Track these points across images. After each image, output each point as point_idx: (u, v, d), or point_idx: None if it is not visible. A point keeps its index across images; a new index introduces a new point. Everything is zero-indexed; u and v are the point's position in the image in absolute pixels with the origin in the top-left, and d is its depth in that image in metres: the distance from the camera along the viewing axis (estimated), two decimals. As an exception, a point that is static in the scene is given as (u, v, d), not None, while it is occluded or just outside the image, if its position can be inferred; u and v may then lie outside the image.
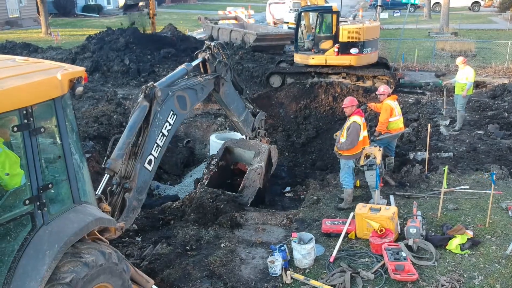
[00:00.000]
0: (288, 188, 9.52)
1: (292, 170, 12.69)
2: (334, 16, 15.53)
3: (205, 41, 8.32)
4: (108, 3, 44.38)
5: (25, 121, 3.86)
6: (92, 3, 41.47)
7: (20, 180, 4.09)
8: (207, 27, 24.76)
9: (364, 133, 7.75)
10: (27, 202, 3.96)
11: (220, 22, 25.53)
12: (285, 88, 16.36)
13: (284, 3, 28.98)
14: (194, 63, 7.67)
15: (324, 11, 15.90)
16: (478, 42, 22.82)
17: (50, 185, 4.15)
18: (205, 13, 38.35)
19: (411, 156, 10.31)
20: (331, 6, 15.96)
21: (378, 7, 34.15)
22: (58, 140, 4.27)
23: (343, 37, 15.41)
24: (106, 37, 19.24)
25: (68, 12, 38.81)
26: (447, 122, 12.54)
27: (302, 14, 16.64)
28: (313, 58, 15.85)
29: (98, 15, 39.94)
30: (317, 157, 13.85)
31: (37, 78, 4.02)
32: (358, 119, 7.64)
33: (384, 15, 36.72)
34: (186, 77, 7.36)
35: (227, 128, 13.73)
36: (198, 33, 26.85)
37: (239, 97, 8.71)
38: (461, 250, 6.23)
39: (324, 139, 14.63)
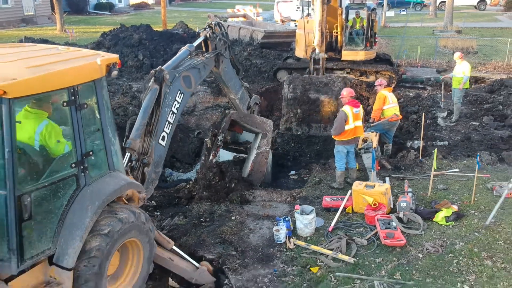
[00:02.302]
0: (292, 172, 10.28)
1: (297, 159, 13.43)
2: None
3: (207, 21, 8.75)
4: (119, 1, 45.33)
5: (72, 97, 4.66)
6: (104, 1, 42.39)
7: (63, 148, 4.89)
8: (217, 25, 25.49)
9: (356, 123, 8.38)
10: (73, 165, 4.76)
11: (230, 20, 26.30)
12: (292, 83, 17.04)
13: (292, 1, 29.70)
14: (196, 43, 8.15)
15: (374, 8, 17.13)
16: (479, 40, 23.40)
17: (91, 153, 4.95)
18: (214, 11, 39.15)
19: (409, 144, 11.03)
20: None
21: (384, 5, 34.81)
22: (97, 115, 5.06)
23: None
24: (120, 34, 20.10)
25: (81, 10, 39.72)
26: (445, 114, 13.23)
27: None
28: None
29: (110, 13, 40.85)
30: (322, 147, 14.55)
31: (80, 63, 4.83)
32: (347, 109, 8.33)
33: (391, 13, 37.34)
34: (189, 57, 7.92)
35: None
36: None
37: (236, 75, 9.26)
38: (446, 221, 6.97)
39: (328, 130, 15.35)
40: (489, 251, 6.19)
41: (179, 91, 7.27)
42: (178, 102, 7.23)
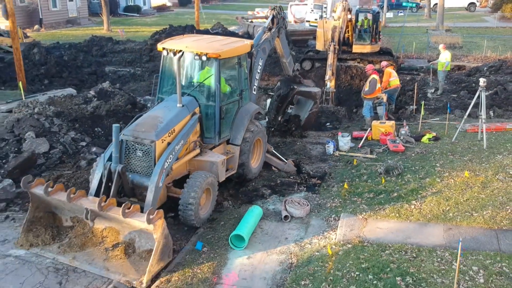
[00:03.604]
0: (328, 124, 14.97)
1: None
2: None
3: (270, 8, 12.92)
4: (144, 3, 50.01)
5: (239, 61, 9.35)
6: (132, 4, 47.03)
7: (226, 89, 9.55)
8: (244, 25, 30.22)
9: (378, 85, 13.18)
10: (237, 95, 9.47)
11: (255, 20, 31.00)
12: (314, 70, 21.79)
13: (306, 4, 34.41)
14: (267, 23, 12.10)
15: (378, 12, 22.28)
16: (463, 37, 28.22)
17: (243, 90, 9.64)
18: (229, 13, 43.85)
19: (406, 107, 15.76)
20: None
21: (385, 8, 39.58)
22: (246, 71, 9.77)
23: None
24: (173, 32, 24.75)
25: (112, 11, 44.26)
26: (432, 90, 17.97)
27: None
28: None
29: (138, 15, 45.50)
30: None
31: (241, 43, 9.54)
32: (376, 76, 13.11)
33: (390, 14, 42.09)
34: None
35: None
36: (234, 30, 32.29)
37: (287, 45, 13.12)
38: (429, 141, 11.68)
39: (343, 106, 20.05)
40: (452, 152, 10.89)
41: (260, 59, 11.57)
42: (260, 65, 11.57)
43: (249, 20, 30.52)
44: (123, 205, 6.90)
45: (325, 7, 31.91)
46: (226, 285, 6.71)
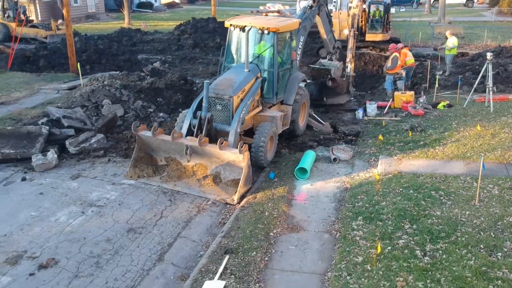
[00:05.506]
0: (352, 98, 16.97)
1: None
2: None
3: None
4: (155, 0, 51.88)
5: (290, 35, 11.34)
6: (145, 0, 48.91)
7: (279, 59, 11.50)
8: (259, 18, 32.21)
9: (399, 62, 15.21)
10: (289, 64, 11.45)
11: (270, 14, 33.00)
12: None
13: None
14: (308, 3, 14.22)
15: (388, 4, 24.26)
16: (465, 28, 30.32)
17: (293, 60, 11.62)
18: (236, 10, 45.75)
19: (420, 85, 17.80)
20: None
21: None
22: (295, 43, 11.74)
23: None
24: (198, 24, 26.70)
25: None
26: (440, 72, 19.99)
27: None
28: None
29: (151, 11, 47.39)
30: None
31: (292, 21, 11.52)
32: (397, 54, 15.14)
33: (392, 10, 44.07)
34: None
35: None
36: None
37: (328, 23, 15.16)
38: (443, 107, 13.70)
39: (358, 89, 22.07)
40: (464, 115, 12.92)
41: (302, 35, 13.54)
42: (301, 42, 13.53)
43: (263, 14, 32.48)
44: (219, 139, 8.85)
45: (334, 1, 33.88)
46: (299, 200, 8.69)
